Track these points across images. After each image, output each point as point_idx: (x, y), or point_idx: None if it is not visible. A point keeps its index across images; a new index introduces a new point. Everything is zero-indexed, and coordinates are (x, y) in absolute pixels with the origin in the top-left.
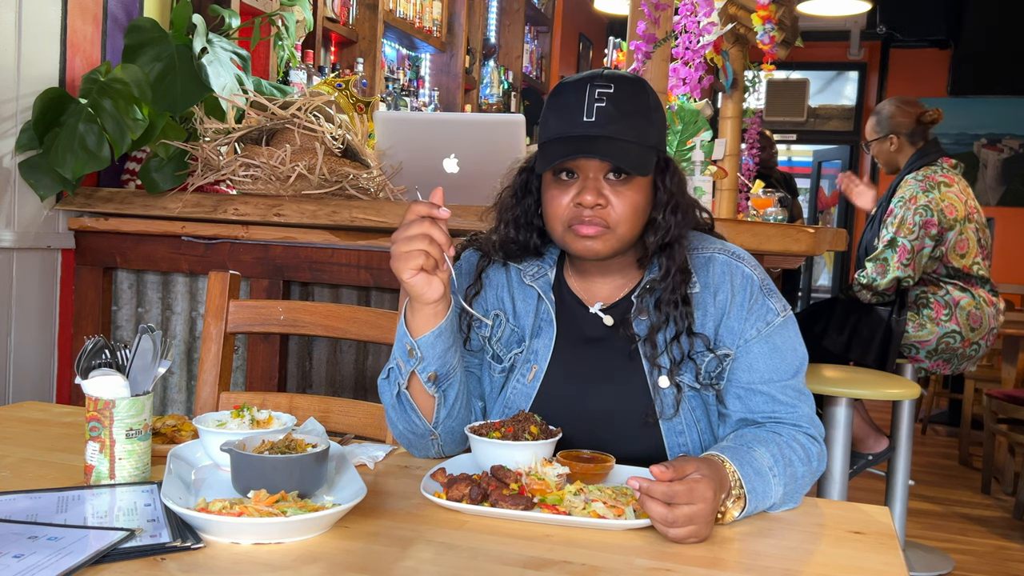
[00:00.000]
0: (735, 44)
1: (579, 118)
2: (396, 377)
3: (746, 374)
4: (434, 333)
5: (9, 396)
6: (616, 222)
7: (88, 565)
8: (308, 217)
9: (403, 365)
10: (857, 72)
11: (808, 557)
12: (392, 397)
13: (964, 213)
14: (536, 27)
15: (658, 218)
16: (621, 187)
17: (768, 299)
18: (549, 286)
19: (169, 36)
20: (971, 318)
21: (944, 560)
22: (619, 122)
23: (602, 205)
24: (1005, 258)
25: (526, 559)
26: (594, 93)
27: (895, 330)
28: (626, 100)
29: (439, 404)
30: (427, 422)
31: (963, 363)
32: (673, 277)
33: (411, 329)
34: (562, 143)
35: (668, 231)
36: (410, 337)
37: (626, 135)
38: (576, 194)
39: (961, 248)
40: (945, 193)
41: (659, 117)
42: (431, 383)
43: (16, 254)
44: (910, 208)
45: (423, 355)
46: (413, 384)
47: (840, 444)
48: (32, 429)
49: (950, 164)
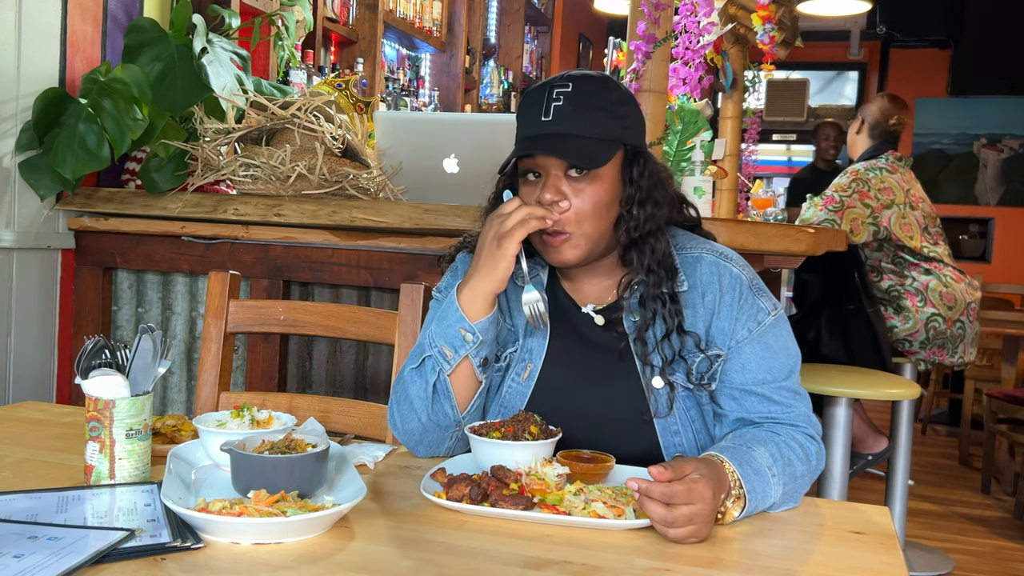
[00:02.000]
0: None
1: (538, 118)
2: (437, 365)
3: (740, 375)
4: (490, 318)
5: (9, 396)
6: (576, 222)
7: (88, 565)
8: (308, 217)
9: (450, 352)
10: (857, 72)
11: (808, 557)
12: (425, 388)
13: (904, 199)
14: (536, 27)
15: (624, 213)
16: (582, 183)
17: (758, 298)
18: (543, 286)
19: (169, 36)
20: (944, 297)
21: (944, 560)
22: (576, 119)
23: (559, 202)
24: (1005, 258)
25: (526, 559)
26: (552, 93)
27: (877, 328)
28: (584, 97)
29: (479, 392)
30: (459, 412)
31: (957, 345)
32: (652, 272)
33: (469, 314)
34: (523, 142)
35: (638, 225)
36: (468, 322)
37: (583, 131)
38: (539, 193)
39: (907, 230)
40: (884, 176)
41: (627, 111)
42: (483, 368)
43: (16, 254)
44: (847, 176)
45: (482, 339)
46: (458, 371)
47: (840, 444)
48: (32, 429)
49: (895, 156)
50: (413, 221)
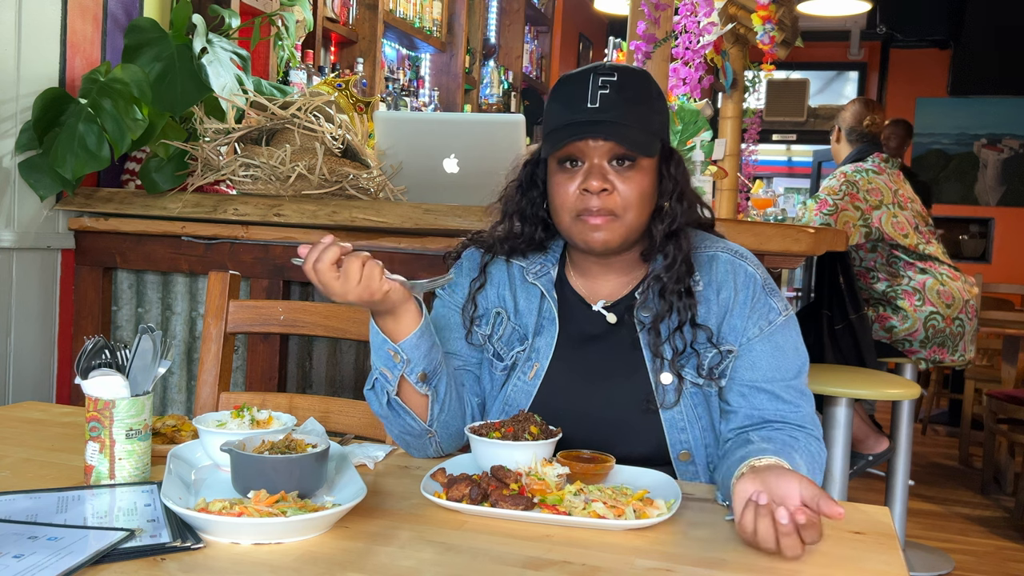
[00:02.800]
0: (735, 44)
1: (583, 104)
2: (383, 386)
3: (749, 372)
4: (416, 334)
5: (9, 396)
6: (623, 208)
7: (88, 565)
8: (308, 217)
9: (389, 373)
10: (857, 72)
11: (808, 557)
12: (382, 406)
13: (892, 199)
14: (536, 27)
15: (664, 206)
16: (626, 172)
17: (770, 298)
18: (552, 284)
19: (169, 36)
20: (942, 295)
21: (944, 560)
22: (622, 108)
23: (608, 190)
24: (1005, 258)
25: (526, 559)
26: (598, 81)
27: (859, 334)
28: (629, 88)
29: (432, 401)
30: (423, 422)
31: (957, 343)
32: (679, 267)
33: (391, 335)
34: (567, 129)
35: (675, 219)
36: (392, 343)
37: (630, 120)
38: (582, 181)
39: (899, 229)
40: (871, 177)
41: (662, 107)
42: (422, 383)
43: (16, 254)
44: (836, 179)
45: (409, 357)
46: (403, 388)
47: (840, 444)
48: (32, 429)
49: (881, 158)
50: (413, 221)
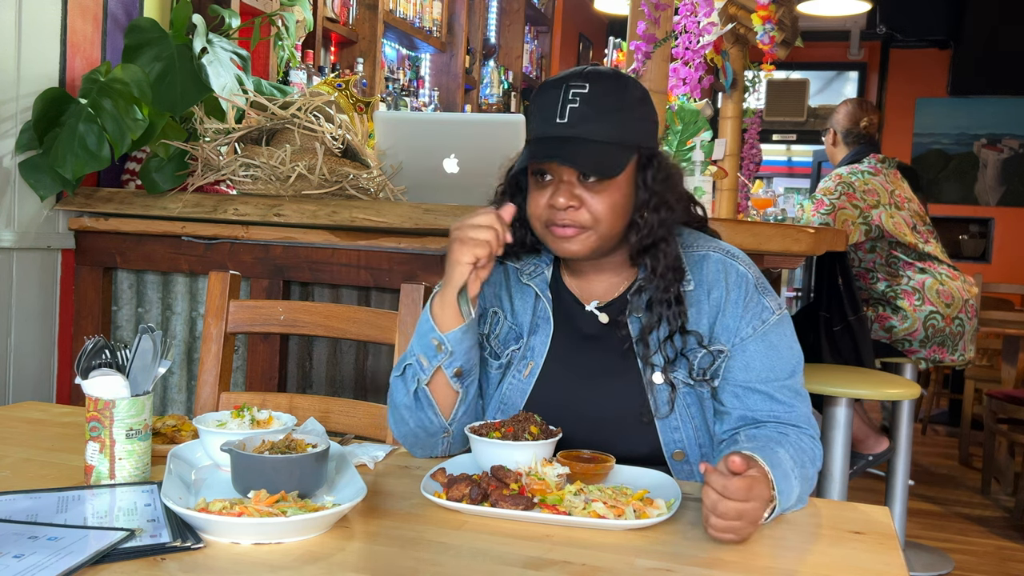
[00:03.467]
0: (735, 44)
1: (552, 119)
2: (416, 373)
3: (743, 372)
4: (463, 328)
5: (9, 396)
6: (593, 221)
7: (88, 565)
8: (308, 217)
9: (426, 361)
10: (857, 72)
11: (808, 557)
12: (407, 395)
13: (888, 199)
14: (536, 27)
15: (638, 219)
16: (596, 187)
17: (763, 297)
18: (546, 284)
19: (169, 36)
20: (941, 295)
21: (944, 560)
22: (592, 122)
23: (575, 207)
24: (1005, 258)
25: (526, 559)
26: (568, 94)
27: (858, 336)
28: (601, 99)
29: (460, 400)
30: (444, 419)
31: (957, 343)
32: (662, 277)
33: (439, 324)
34: (537, 144)
35: (650, 231)
36: (439, 332)
37: (600, 135)
38: (551, 195)
39: (899, 228)
40: (867, 178)
41: (644, 112)
42: (457, 378)
43: (16, 254)
44: (831, 180)
45: (453, 350)
46: (435, 381)
47: (840, 444)
48: (32, 429)
49: (878, 159)
50: (413, 221)
